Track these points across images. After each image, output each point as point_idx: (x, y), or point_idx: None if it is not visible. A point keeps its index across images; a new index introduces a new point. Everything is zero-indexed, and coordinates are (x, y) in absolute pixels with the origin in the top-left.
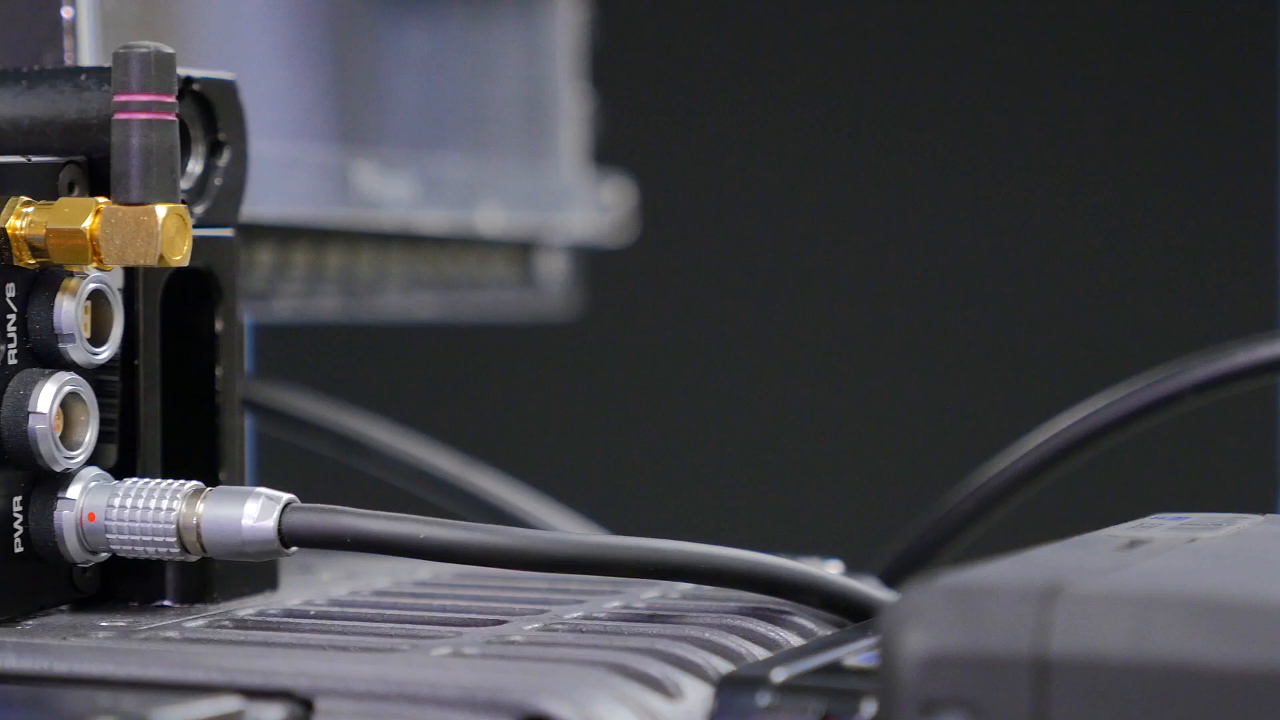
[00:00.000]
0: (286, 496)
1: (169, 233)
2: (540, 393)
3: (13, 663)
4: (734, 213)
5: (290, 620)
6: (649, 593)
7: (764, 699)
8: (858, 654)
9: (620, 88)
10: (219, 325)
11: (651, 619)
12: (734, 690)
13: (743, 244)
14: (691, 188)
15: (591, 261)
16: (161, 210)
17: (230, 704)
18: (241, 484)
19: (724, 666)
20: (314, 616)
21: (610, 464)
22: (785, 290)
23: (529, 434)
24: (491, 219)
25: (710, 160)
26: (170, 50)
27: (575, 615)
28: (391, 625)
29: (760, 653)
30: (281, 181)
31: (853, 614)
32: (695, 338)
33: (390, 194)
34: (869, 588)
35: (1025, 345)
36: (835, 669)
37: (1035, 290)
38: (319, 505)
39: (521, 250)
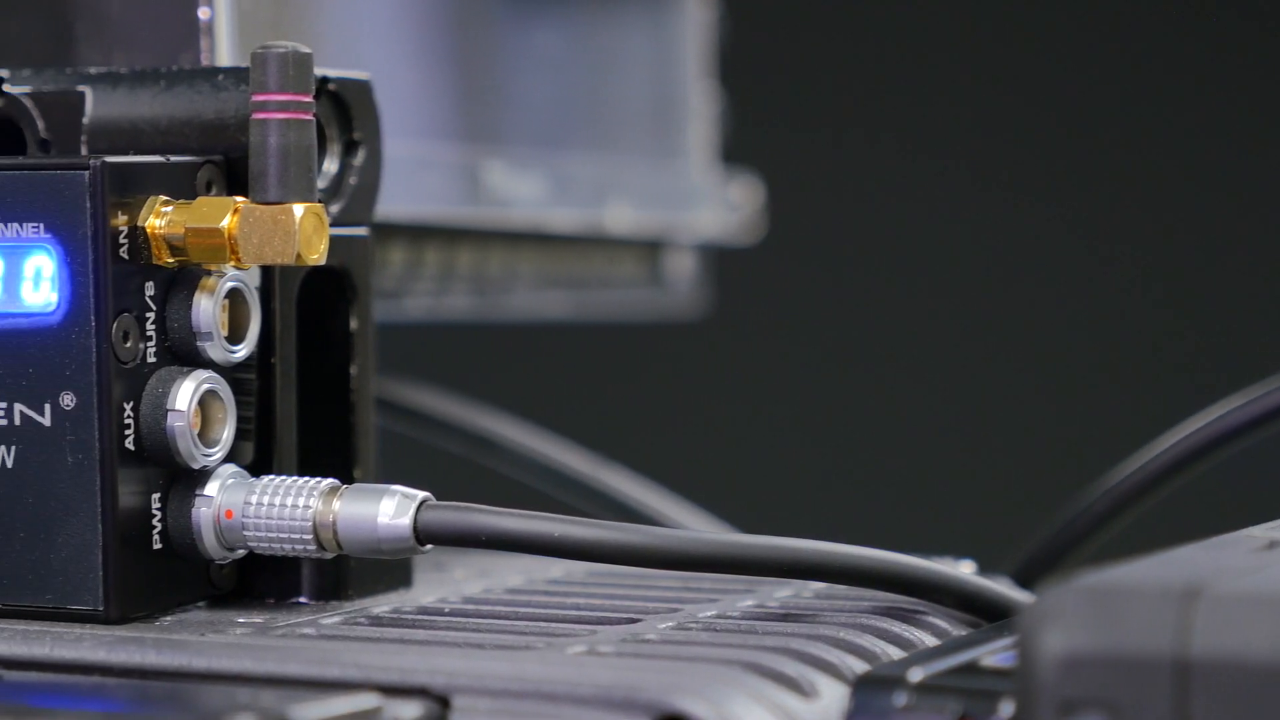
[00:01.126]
0: (422, 494)
1: (306, 231)
2: (669, 391)
3: (153, 658)
4: (862, 211)
5: (425, 618)
6: (782, 592)
7: (901, 699)
8: (994, 654)
9: (748, 86)
10: (353, 324)
11: (785, 618)
12: (871, 690)
13: (871, 242)
14: (819, 186)
15: (719, 260)
16: (299, 209)
17: (368, 701)
18: (375, 482)
19: (859, 666)
20: (448, 614)
21: (739, 462)
22: (914, 289)
23: (658, 432)
24: (620, 218)
25: (838, 158)
26: (308, 50)
27: (709, 614)
28: (526, 623)
29: (895, 652)
30: (413, 181)
31: (988, 614)
32: (823, 336)
33: (520, 193)
34: (1004, 588)
35: (1159, 346)
36: (972, 669)
37: (1169, 292)
38: (454, 503)
39: (650, 249)
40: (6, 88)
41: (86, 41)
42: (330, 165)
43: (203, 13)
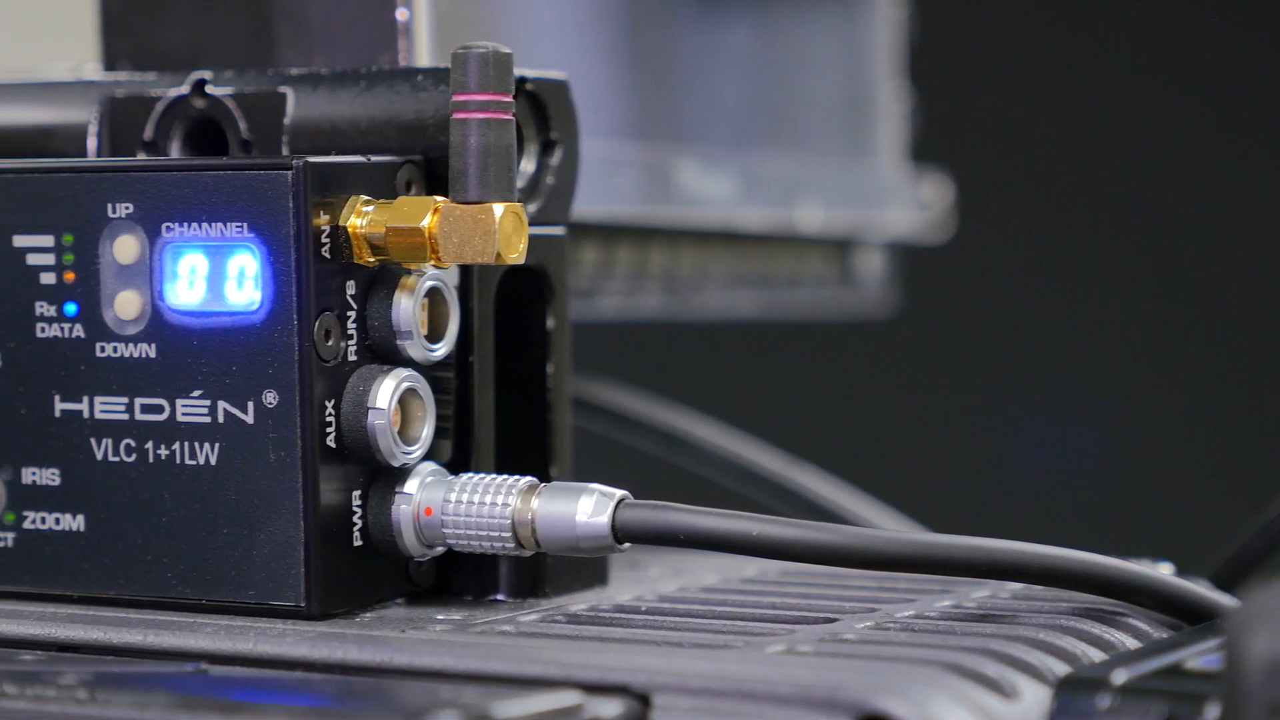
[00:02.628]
0: (620, 493)
1: (506, 231)
2: (858, 390)
3: (354, 654)
4: (1052, 209)
5: (622, 616)
6: (979, 592)
7: (1104, 701)
8: (1199, 657)
9: (938, 84)
10: (550, 322)
11: (984, 619)
12: (1073, 692)
13: (1061, 241)
14: (1009, 184)
15: (909, 259)
16: (499, 209)
17: (569, 698)
18: (570, 480)
19: (1060, 668)
20: (645, 612)
21: (928, 461)
22: (1103, 288)
23: (847, 431)
24: (811, 216)
25: (1028, 157)
26: (508, 50)
27: (907, 614)
28: (723, 622)
29: (1096, 654)
30: (606, 180)
31: (1189, 616)
32: (1013, 335)
33: (712, 192)
34: (1204, 590)
35: None
36: (1177, 672)
37: None
38: (652, 502)
39: (839, 248)
40: (209, 89)
41: (287, 43)
42: (527, 165)
43: (400, 14)
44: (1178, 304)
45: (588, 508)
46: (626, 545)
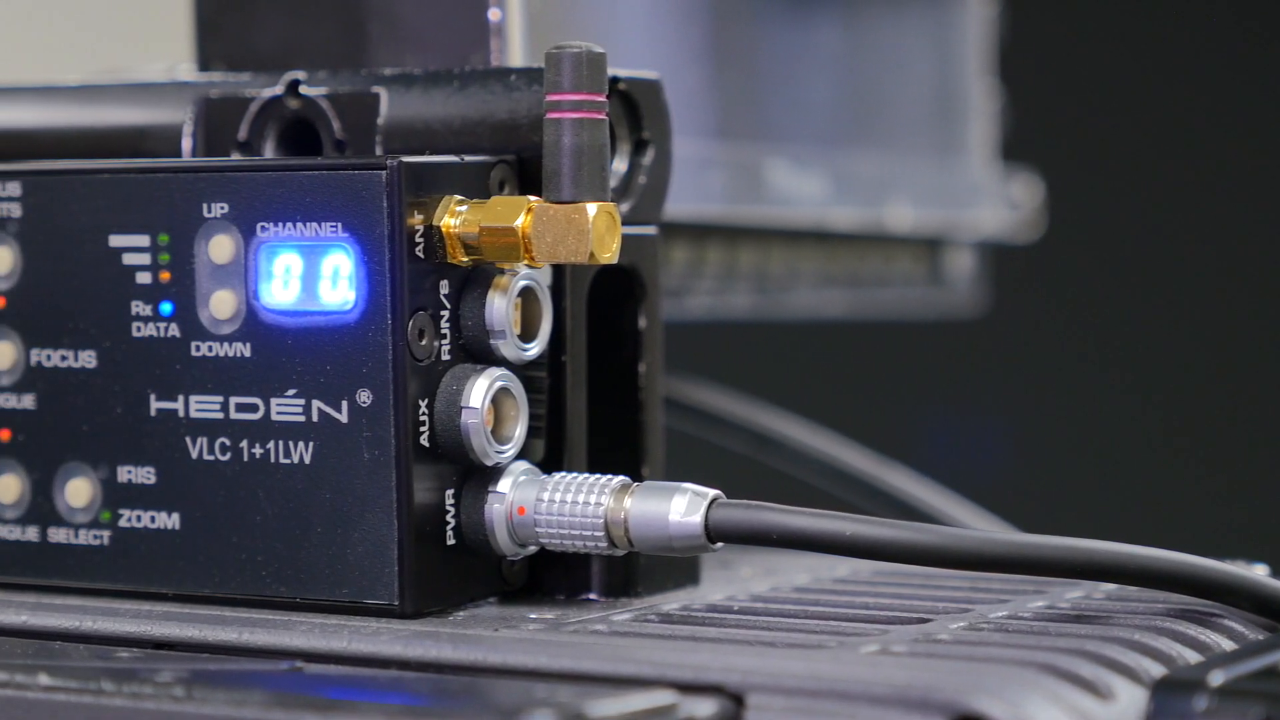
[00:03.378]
0: (713, 492)
1: (599, 230)
2: (948, 389)
3: (448, 653)
4: (1141, 207)
5: (715, 615)
6: (1073, 593)
7: (1201, 703)
8: None
9: (1028, 82)
10: (642, 322)
11: (1078, 619)
12: (1170, 693)
13: (1151, 240)
14: (1099, 183)
15: (998, 258)
16: (592, 208)
17: (663, 698)
18: (662, 479)
19: (1155, 669)
20: (738, 612)
21: (1018, 460)
22: (1194, 286)
23: (937, 430)
24: (901, 216)
25: (1118, 155)
26: (601, 50)
27: (1000, 614)
28: (816, 622)
29: (1192, 656)
30: (696, 179)
31: None
32: (1102, 334)
33: (802, 191)
34: None
35: None
36: (1274, 674)
37: None
38: (745, 501)
39: (928, 247)
40: (303, 89)
41: (379, 43)
42: (619, 164)
43: (493, 14)
44: (1265, 300)
45: (681, 507)
46: (719, 545)
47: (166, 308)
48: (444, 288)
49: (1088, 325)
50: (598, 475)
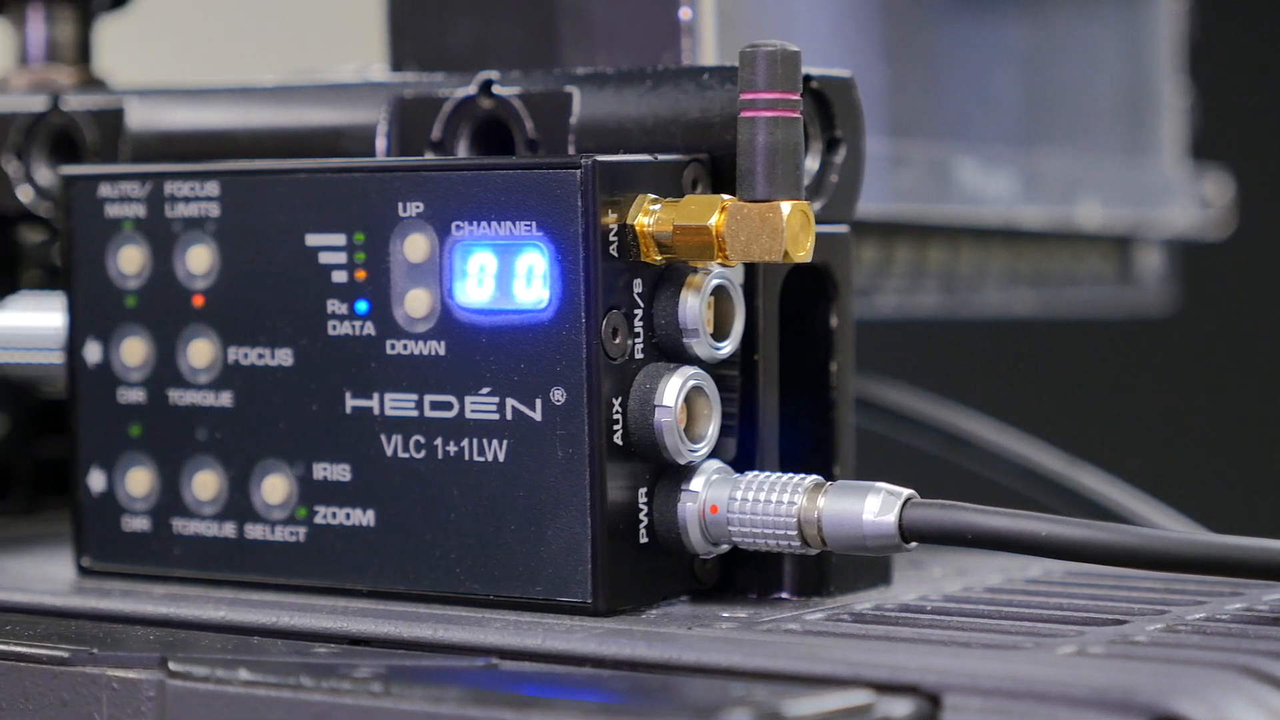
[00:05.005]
0: (907, 491)
1: (793, 229)
2: (1138, 388)
3: (642, 651)
4: None
5: (908, 615)
6: (1271, 594)
7: None
8: None
9: (1219, 80)
10: (833, 321)
11: (1278, 622)
12: None
13: None
14: None
15: (1188, 255)
16: (786, 207)
17: (860, 697)
18: (853, 479)
19: None
20: (931, 612)
21: (1208, 460)
22: None
23: (1128, 430)
24: (1090, 214)
25: None
26: (795, 49)
27: (1198, 616)
28: (1011, 622)
29: None
30: (886, 178)
31: None
32: None
33: (991, 190)
34: None
35: None
36: None
37: None
38: (939, 501)
39: (1118, 245)
40: (496, 89)
41: (570, 43)
42: (812, 163)
43: (684, 13)
44: None
45: (874, 506)
46: (913, 544)
47: (362, 306)
48: (637, 286)
49: (1278, 323)
50: (790, 474)
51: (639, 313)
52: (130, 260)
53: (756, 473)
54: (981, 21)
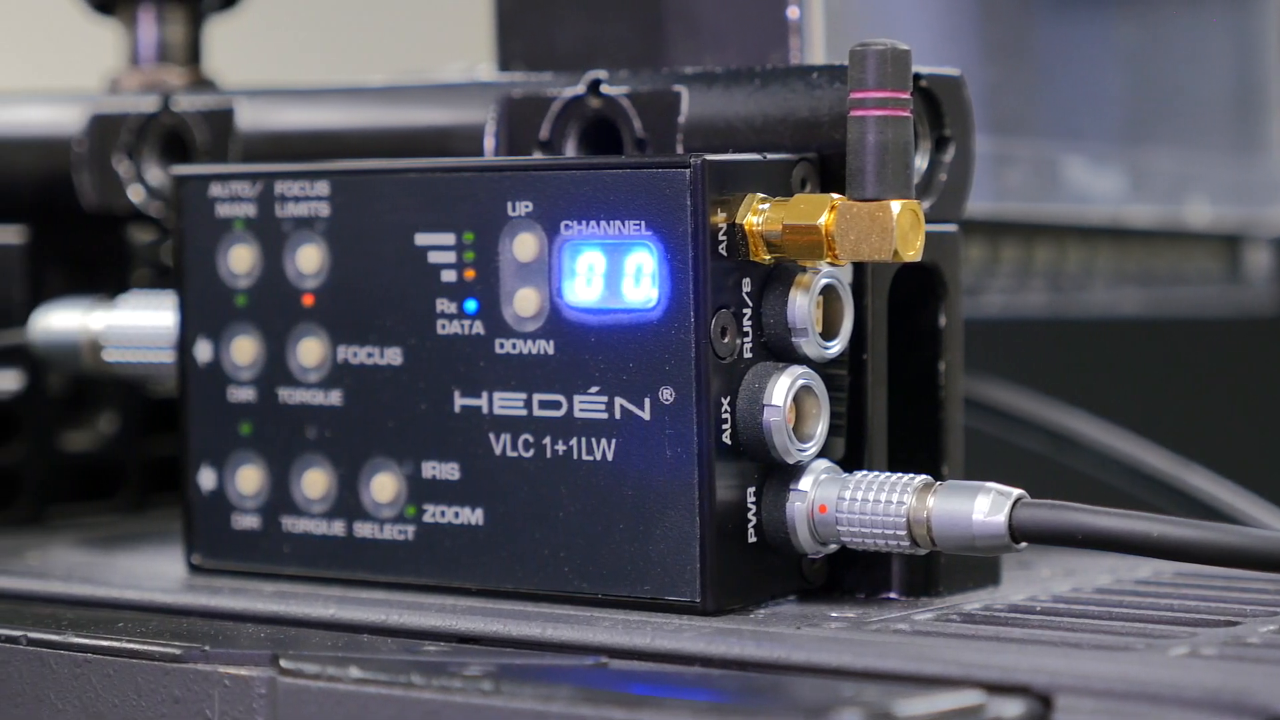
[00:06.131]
0: (1017, 492)
1: (903, 228)
2: (1247, 388)
3: (751, 650)
4: None
5: (1018, 615)
6: None
7: None
8: None
9: None
10: (942, 320)
11: None
12: None
13: None
14: None
15: None
16: (896, 206)
17: (970, 697)
18: (961, 479)
19: None
20: (1041, 612)
21: None
22: None
23: (1236, 430)
24: (1199, 212)
25: None
26: (906, 47)
27: None
28: (1121, 623)
29: None
30: (993, 177)
31: None
32: None
33: (1098, 188)
34: None
35: None
36: None
37: None
38: (1050, 501)
39: (1226, 244)
40: (604, 89)
41: (677, 42)
42: (920, 162)
43: (792, 12)
44: None
45: (984, 506)
46: (1023, 545)
47: (471, 305)
48: (746, 286)
49: None
50: (899, 474)
51: (748, 312)
52: (241, 259)
53: (865, 472)
54: (1089, 18)
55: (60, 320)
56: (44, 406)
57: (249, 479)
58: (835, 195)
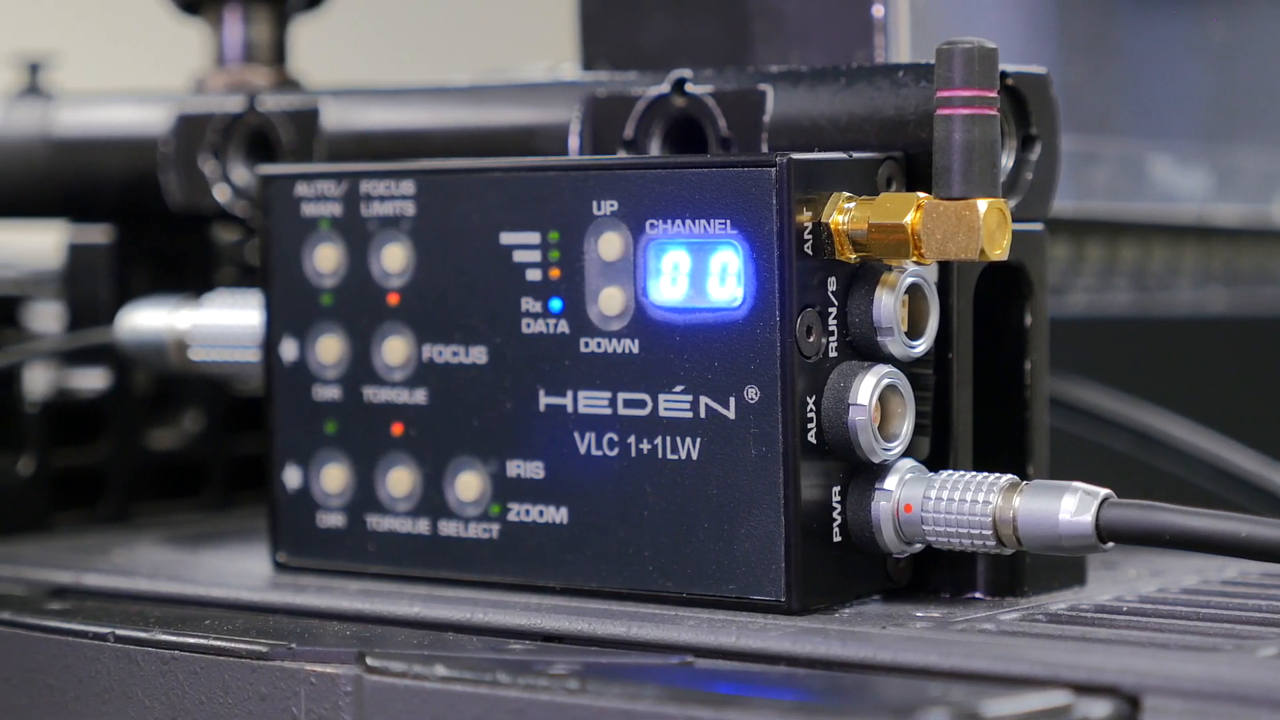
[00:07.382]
0: (1103, 492)
1: (990, 227)
2: None
3: (836, 650)
4: None
5: (1104, 616)
6: None
7: None
8: None
9: None
10: (1028, 319)
11: None
12: None
13: None
14: None
15: None
16: (983, 205)
17: (1058, 698)
18: (1046, 478)
19: None
20: (1127, 613)
21: None
22: None
23: None
24: None
25: None
26: (993, 46)
27: None
28: (1209, 624)
29: None
30: (1078, 175)
31: None
32: None
33: (1185, 187)
34: None
35: None
36: None
37: None
38: (1137, 501)
39: None
40: (689, 88)
41: (762, 41)
42: (1007, 160)
43: (877, 10)
44: None
45: (1071, 506)
46: (1110, 545)
47: (556, 304)
48: (831, 285)
49: None
50: (985, 474)
51: (833, 311)
52: (326, 259)
53: (951, 472)
54: (1175, 16)
55: (146, 319)
56: (130, 405)
57: (334, 477)
58: (921, 194)
